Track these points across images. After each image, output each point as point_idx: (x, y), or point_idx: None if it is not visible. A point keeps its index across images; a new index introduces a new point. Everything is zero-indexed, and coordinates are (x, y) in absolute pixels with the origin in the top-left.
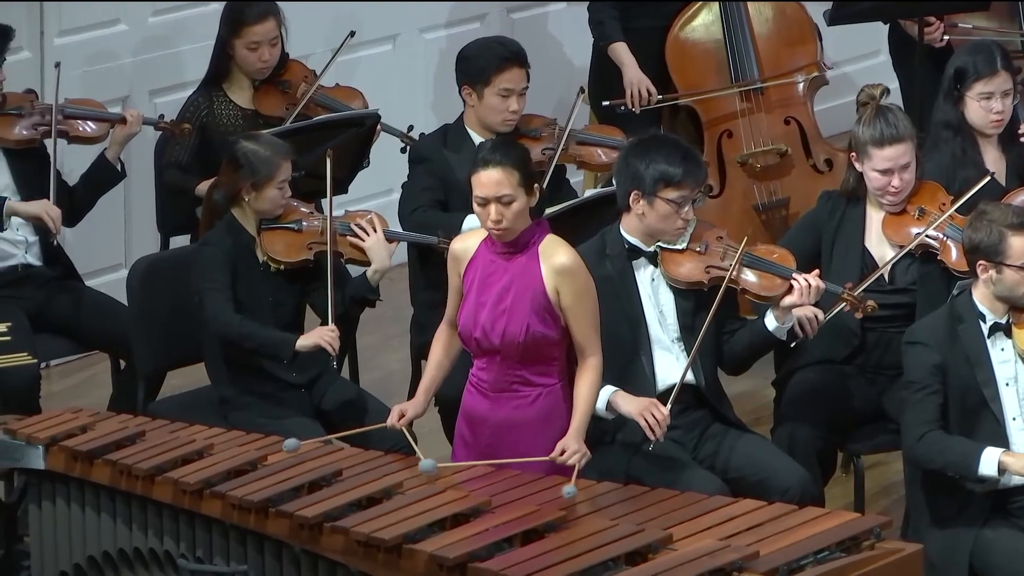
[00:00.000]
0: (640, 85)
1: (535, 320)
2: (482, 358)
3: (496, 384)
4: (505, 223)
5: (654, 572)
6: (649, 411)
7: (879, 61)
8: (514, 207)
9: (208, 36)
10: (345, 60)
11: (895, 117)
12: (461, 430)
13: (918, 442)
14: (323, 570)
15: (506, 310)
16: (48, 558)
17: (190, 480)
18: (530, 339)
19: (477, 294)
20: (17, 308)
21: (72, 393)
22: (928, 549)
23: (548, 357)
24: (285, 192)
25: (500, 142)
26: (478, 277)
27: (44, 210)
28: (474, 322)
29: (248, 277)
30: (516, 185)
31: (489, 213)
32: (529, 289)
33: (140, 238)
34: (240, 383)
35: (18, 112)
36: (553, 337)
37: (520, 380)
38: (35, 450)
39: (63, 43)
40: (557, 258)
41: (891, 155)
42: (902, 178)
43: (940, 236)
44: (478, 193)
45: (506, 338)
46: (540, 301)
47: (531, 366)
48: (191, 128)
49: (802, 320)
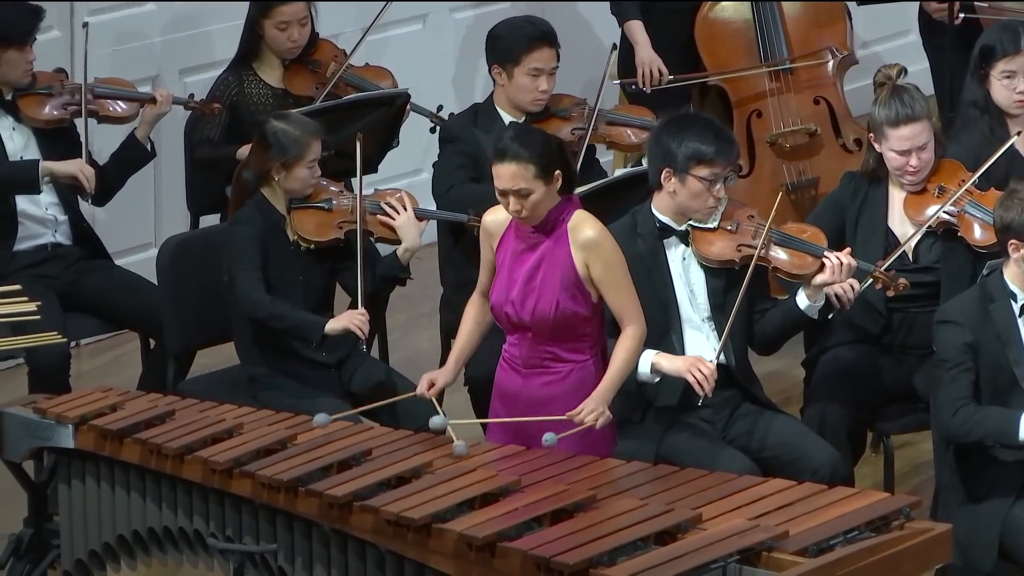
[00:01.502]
0: (652, 64)
1: (565, 297)
2: (514, 334)
3: (528, 360)
4: (525, 212)
5: (683, 552)
6: (696, 367)
7: (909, 41)
8: (532, 198)
9: (238, 15)
10: (375, 39)
11: (911, 97)
12: (495, 407)
13: (953, 417)
14: (352, 549)
15: (536, 287)
16: (78, 537)
17: (220, 459)
18: (560, 316)
19: (509, 270)
20: (47, 287)
21: (102, 372)
22: (957, 529)
23: (579, 334)
24: (315, 171)
25: (518, 132)
26: (509, 253)
27: (79, 168)
28: (506, 298)
29: (278, 256)
30: (532, 177)
31: (509, 203)
32: (558, 266)
33: (170, 217)
34: (270, 362)
35: (48, 92)
36: (583, 314)
37: (551, 356)
38: (65, 429)
39: (93, 22)
40: (583, 233)
41: (907, 135)
42: (920, 157)
43: (959, 211)
44: (496, 184)
45: (536, 315)
46: (570, 277)
47: (562, 342)
48: (221, 107)
49: (838, 292)
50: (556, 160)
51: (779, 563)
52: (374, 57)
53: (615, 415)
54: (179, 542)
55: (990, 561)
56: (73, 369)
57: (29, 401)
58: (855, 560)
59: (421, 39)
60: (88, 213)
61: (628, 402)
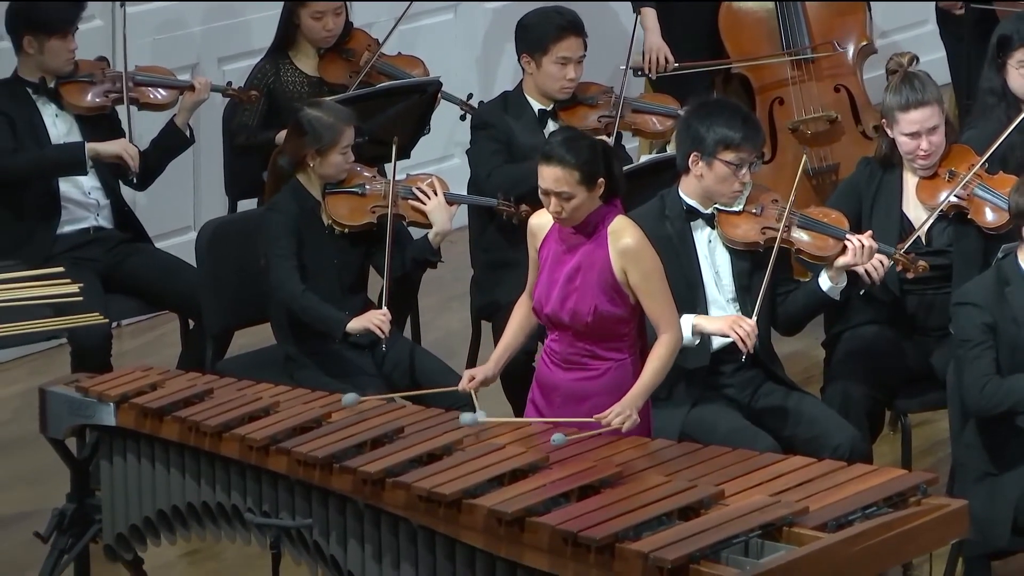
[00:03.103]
0: (659, 52)
1: (603, 300)
2: (554, 332)
3: (567, 357)
4: (565, 215)
5: (706, 527)
6: (738, 324)
7: (926, 30)
8: (573, 202)
9: (275, 5)
10: (407, 29)
11: (921, 83)
12: (534, 396)
13: (982, 392)
14: (385, 524)
15: (575, 289)
16: (119, 512)
17: (257, 436)
18: (598, 318)
19: (550, 271)
20: (89, 269)
21: (142, 352)
22: (973, 505)
23: (617, 334)
24: (349, 157)
25: (567, 137)
26: (551, 255)
27: (123, 148)
28: (547, 298)
29: (313, 240)
30: (576, 183)
31: (550, 203)
32: (596, 270)
33: (208, 202)
34: (305, 342)
35: (89, 79)
36: (621, 315)
37: (590, 354)
38: (106, 407)
39: (134, 11)
40: (623, 240)
41: (917, 118)
42: (930, 141)
43: (969, 195)
44: (540, 184)
45: (575, 316)
46: (608, 281)
47: (601, 342)
48: (258, 95)
49: (869, 269)
50: (600, 168)
51: (799, 538)
52: (406, 46)
53: None
54: (217, 517)
55: (1004, 536)
56: (114, 349)
57: (72, 380)
58: (873, 535)
59: (452, 28)
60: (129, 197)
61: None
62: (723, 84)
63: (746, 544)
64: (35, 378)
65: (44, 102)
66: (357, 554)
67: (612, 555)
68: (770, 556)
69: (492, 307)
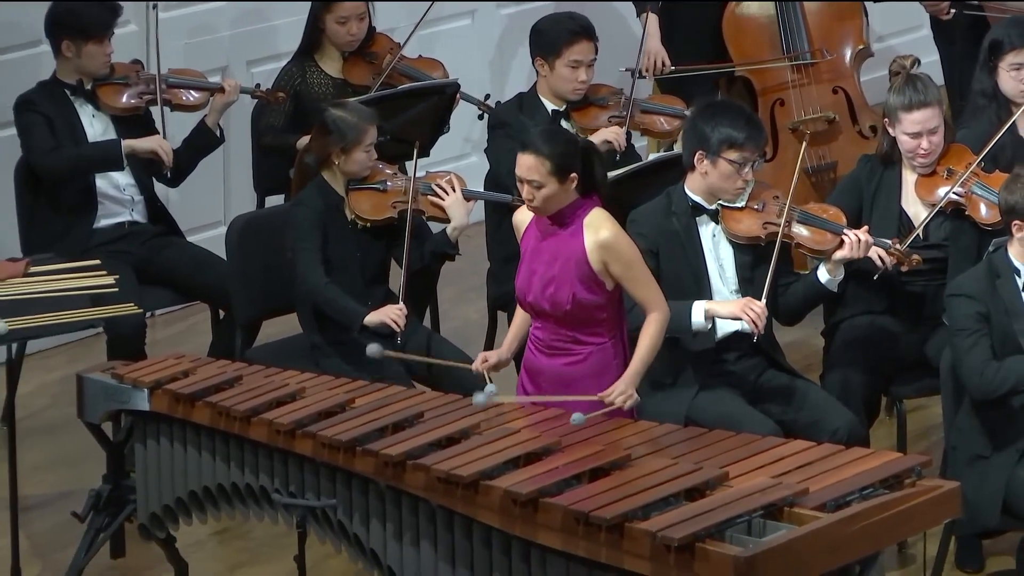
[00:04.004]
0: (657, 56)
1: (580, 288)
2: (537, 319)
3: (550, 343)
4: (536, 203)
5: (711, 507)
6: (749, 307)
7: (921, 35)
8: (543, 192)
9: (301, 11)
10: (427, 33)
11: (923, 84)
12: (523, 381)
13: (982, 377)
14: (406, 504)
15: (554, 279)
16: (152, 493)
17: (284, 421)
18: (576, 305)
19: (530, 261)
20: (124, 262)
21: (175, 340)
22: (965, 487)
23: (596, 319)
24: (371, 155)
25: (547, 130)
26: (531, 245)
27: (158, 144)
28: (528, 287)
29: (337, 234)
30: (546, 173)
31: (523, 190)
32: (574, 260)
33: (238, 197)
34: (329, 332)
35: (124, 81)
36: (599, 301)
37: (572, 340)
38: (141, 393)
39: (166, 17)
40: (600, 233)
41: (919, 119)
42: (931, 140)
43: (966, 192)
44: (516, 170)
45: (554, 304)
46: (584, 271)
47: (581, 327)
48: (285, 96)
49: (881, 254)
50: (575, 163)
51: (800, 518)
52: (426, 49)
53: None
54: (246, 497)
55: (995, 516)
56: (148, 337)
57: (108, 367)
58: (870, 515)
59: (470, 33)
60: (162, 193)
61: (660, 367)
62: (727, 86)
63: (749, 523)
64: (73, 365)
65: (81, 103)
66: (379, 533)
67: (621, 534)
68: (772, 535)
69: (507, 298)
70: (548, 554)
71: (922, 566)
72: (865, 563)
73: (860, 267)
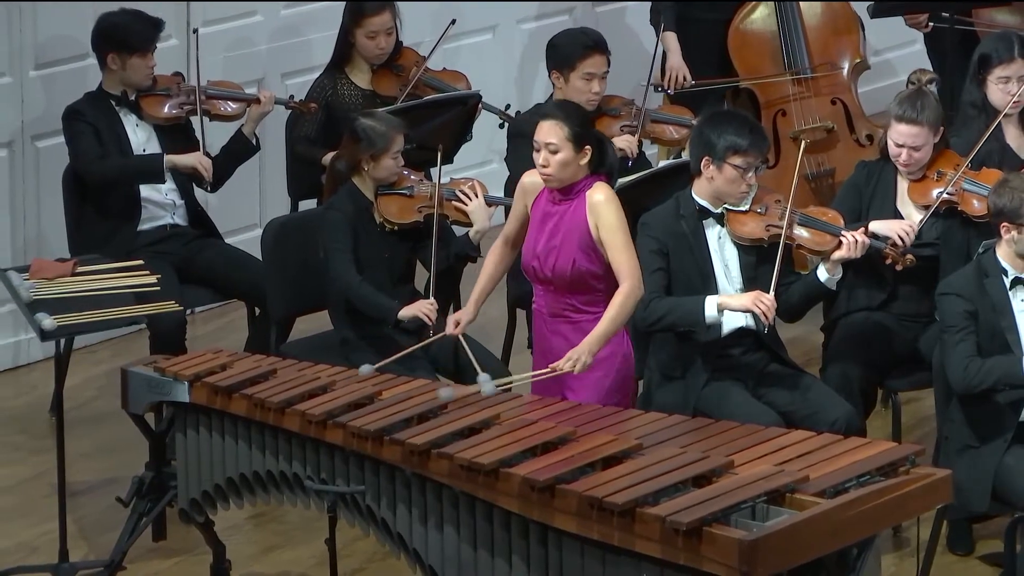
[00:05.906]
0: (679, 71)
1: (581, 256)
2: (539, 286)
3: (551, 309)
4: (550, 169)
5: (717, 493)
6: (759, 299)
7: (915, 49)
8: (559, 157)
9: (333, 26)
10: (451, 47)
11: (923, 104)
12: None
13: (965, 371)
14: (430, 491)
15: (556, 247)
16: (192, 479)
17: (315, 412)
18: (576, 273)
19: (537, 229)
20: (166, 262)
21: (213, 336)
22: (956, 474)
23: (593, 289)
24: (399, 162)
25: (564, 103)
26: (539, 213)
27: (198, 160)
28: (532, 253)
29: (367, 237)
30: (564, 138)
31: (539, 157)
32: (576, 229)
33: (273, 202)
34: (359, 327)
35: (166, 93)
36: (597, 271)
37: (571, 307)
38: (181, 386)
39: (206, 32)
40: (594, 196)
41: (904, 132)
42: (911, 156)
43: (958, 189)
44: (535, 137)
45: (556, 271)
46: (585, 240)
47: (579, 295)
48: (317, 107)
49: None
50: (590, 138)
51: (801, 503)
52: (450, 62)
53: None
54: (280, 484)
55: (984, 502)
56: (188, 333)
57: (150, 361)
58: (867, 501)
59: (491, 46)
60: (201, 198)
61: (669, 360)
62: (733, 98)
63: (753, 509)
64: (118, 359)
65: (126, 113)
66: (405, 517)
67: (633, 518)
68: (774, 519)
69: (526, 297)
70: (564, 537)
71: (916, 549)
72: (862, 546)
73: (867, 258)
